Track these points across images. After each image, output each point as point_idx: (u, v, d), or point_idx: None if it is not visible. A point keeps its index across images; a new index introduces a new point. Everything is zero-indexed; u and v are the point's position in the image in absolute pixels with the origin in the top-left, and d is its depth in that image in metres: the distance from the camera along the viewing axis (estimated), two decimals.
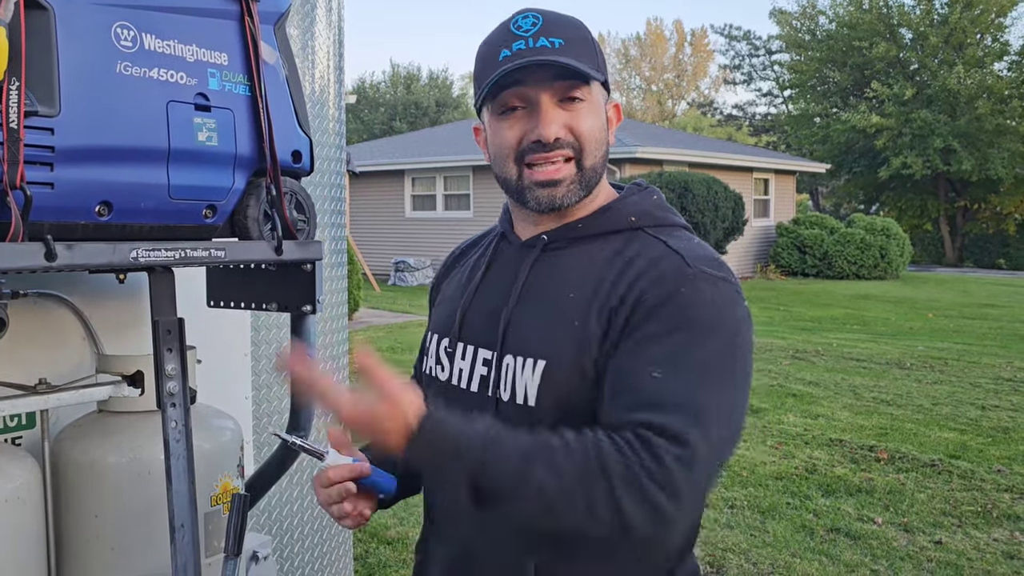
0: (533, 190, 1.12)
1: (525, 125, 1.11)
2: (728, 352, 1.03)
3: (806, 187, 31.02)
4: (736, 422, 1.02)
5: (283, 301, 1.56)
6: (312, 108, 2.40)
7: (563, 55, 1.08)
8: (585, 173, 1.12)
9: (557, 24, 1.11)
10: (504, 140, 1.13)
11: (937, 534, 3.96)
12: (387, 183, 19.09)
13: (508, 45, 1.10)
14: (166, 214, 1.26)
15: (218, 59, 1.30)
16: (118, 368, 1.45)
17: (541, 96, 1.10)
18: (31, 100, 1.08)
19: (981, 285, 17.53)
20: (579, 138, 1.11)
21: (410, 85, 40.23)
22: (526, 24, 1.11)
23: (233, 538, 1.33)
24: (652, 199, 1.19)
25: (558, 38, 1.10)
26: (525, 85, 1.10)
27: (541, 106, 1.10)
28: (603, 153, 1.14)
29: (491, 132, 1.16)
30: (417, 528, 3.91)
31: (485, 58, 1.14)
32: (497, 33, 1.14)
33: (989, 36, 25.66)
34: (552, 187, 1.11)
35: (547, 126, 1.09)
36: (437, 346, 1.25)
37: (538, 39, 1.09)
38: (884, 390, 7.07)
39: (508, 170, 1.14)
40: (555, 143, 1.10)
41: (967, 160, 23.67)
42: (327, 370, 2.57)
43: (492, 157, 1.17)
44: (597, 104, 1.14)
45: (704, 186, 15.10)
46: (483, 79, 1.13)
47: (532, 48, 1.09)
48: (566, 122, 1.10)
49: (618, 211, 1.16)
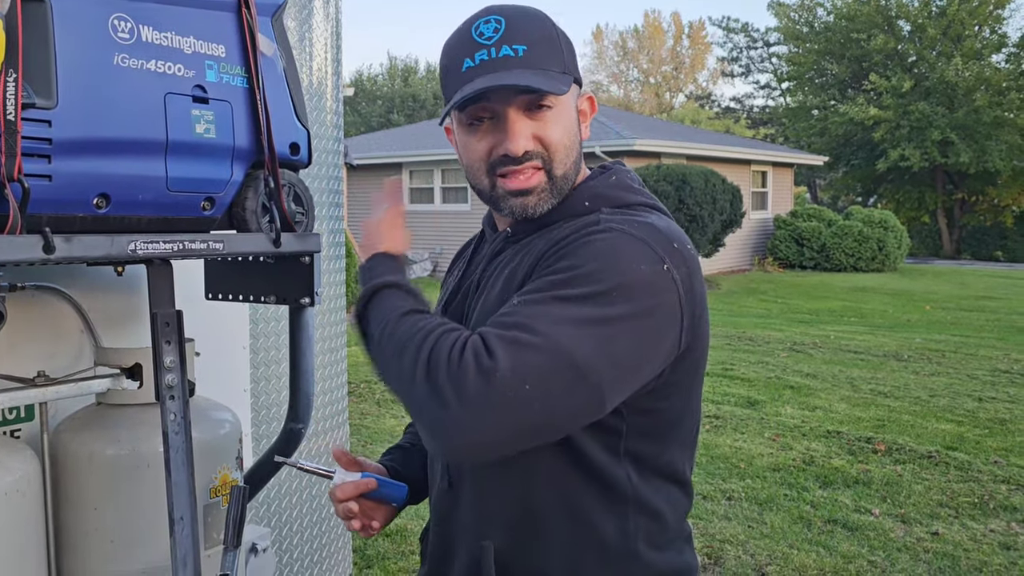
0: (507, 199, 1.13)
1: (493, 138, 1.11)
2: (598, 302, 0.95)
3: (804, 179, 31.01)
4: (568, 361, 0.93)
5: (281, 293, 1.56)
6: (310, 100, 2.40)
7: (527, 64, 1.07)
8: (556, 181, 1.12)
9: (519, 27, 1.09)
10: (474, 153, 1.13)
11: (934, 525, 3.98)
12: (385, 176, 19.06)
13: (471, 54, 1.09)
14: (164, 206, 1.26)
15: (216, 51, 1.29)
16: (117, 361, 1.45)
17: (507, 110, 1.09)
18: (28, 92, 1.07)
19: (978, 277, 17.56)
20: (548, 148, 1.10)
21: (407, 78, 40.12)
22: (488, 31, 1.09)
23: (232, 530, 1.34)
24: (610, 180, 1.17)
25: (521, 44, 1.08)
26: (490, 101, 1.09)
27: (508, 119, 1.09)
28: (574, 158, 1.14)
29: (461, 144, 1.16)
30: (415, 521, 3.92)
31: (447, 67, 1.13)
32: (459, 39, 1.12)
33: (987, 28, 25.63)
34: (524, 196, 1.12)
35: (515, 140, 1.09)
36: None
37: (501, 47, 1.08)
38: (881, 382, 7.09)
39: (481, 181, 1.15)
40: (524, 156, 1.09)
41: (965, 152, 23.67)
42: (330, 362, 2.58)
43: (464, 167, 1.18)
44: (567, 106, 1.13)
45: (702, 179, 15.09)
46: (448, 89, 1.12)
47: (495, 59, 1.07)
48: (534, 132, 1.10)
49: (575, 197, 1.15)
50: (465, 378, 0.92)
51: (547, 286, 0.99)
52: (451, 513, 1.19)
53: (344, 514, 1.23)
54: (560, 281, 0.99)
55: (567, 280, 0.99)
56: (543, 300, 0.98)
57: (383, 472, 1.29)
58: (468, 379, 0.92)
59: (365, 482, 1.22)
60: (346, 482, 1.22)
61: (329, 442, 2.60)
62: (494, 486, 1.13)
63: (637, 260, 1.00)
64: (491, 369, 0.91)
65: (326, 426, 2.59)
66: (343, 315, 2.66)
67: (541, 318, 0.95)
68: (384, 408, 6.13)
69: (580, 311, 0.95)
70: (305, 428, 1.69)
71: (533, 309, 0.97)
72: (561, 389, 0.93)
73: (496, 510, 1.13)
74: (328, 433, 2.60)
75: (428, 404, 0.94)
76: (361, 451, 5.02)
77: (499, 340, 0.94)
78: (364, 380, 6.79)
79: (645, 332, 0.99)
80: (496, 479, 1.12)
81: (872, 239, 18.15)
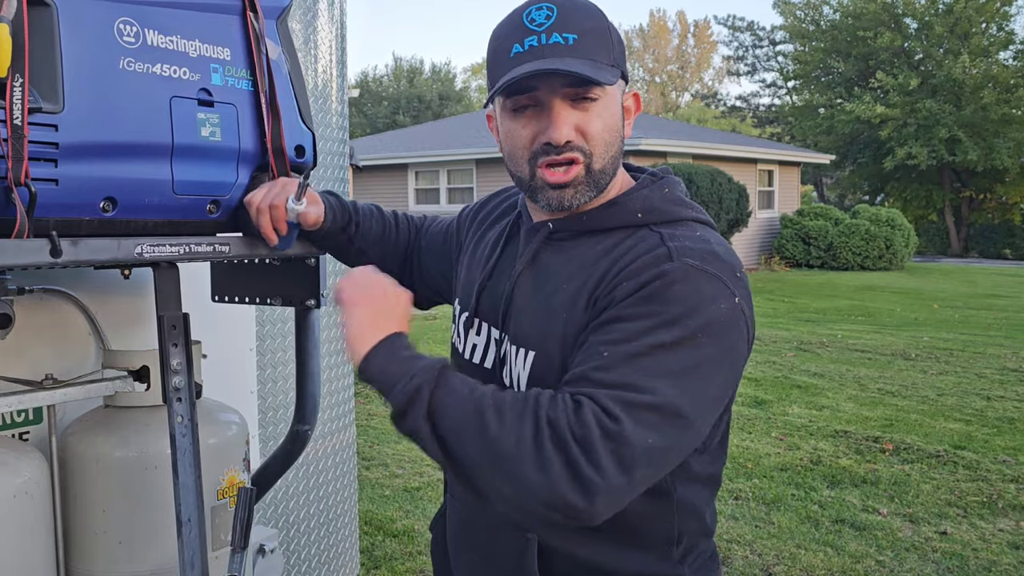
0: (545, 190, 1.12)
1: (537, 125, 1.10)
2: (689, 348, 0.98)
3: (810, 178, 30.91)
4: (676, 412, 0.97)
5: (287, 295, 1.57)
6: (315, 102, 2.40)
7: (577, 53, 1.06)
8: (594, 175, 1.11)
9: (572, 16, 1.08)
10: (517, 139, 1.12)
11: (942, 525, 3.96)
12: (391, 177, 19.08)
13: (520, 40, 1.08)
14: (170, 209, 1.27)
15: (221, 54, 1.30)
16: (124, 363, 1.46)
17: (553, 99, 1.08)
18: (35, 97, 1.08)
19: (986, 275, 17.48)
20: (589, 141, 1.09)
21: (413, 78, 40.16)
22: (540, 17, 1.08)
23: (240, 531, 1.34)
24: (662, 193, 1.17)
25: (572, 33, 1.06)
26: (536, 90, 1.08)
27: (553, 108, 1.08)
28: (614, 152, 1.13)
29: (504, 129, 1.15)
30: (423, 521, 3.92)
31: (496, 51, 1.12)
32: (509, 25, 1.11)
33: (994, 25, 25.49)
34: (561, 189, 1.11)
35: (558, 129, 1.08)
36: (459, 316, 1.30)
37: (551, 35, 1.06)
38: (889, 381, 7.06)
39: (521, 169, 1.14)
40: (566, 145, 1.09)
41: (972, 150, 23.55)
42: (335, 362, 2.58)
43: (506, 154, 1.16)
44: (612, 100, 1.12)
45: (708, 178, 15.06)
46: (494, 74, 1.11)
47: (545, 45, 1.06)
48: (577, 123, 1.09)
49: (624, 206, 1.14)
50: (595, 446, 0.92)
51: (637, 334, 0.99)
52: (479, 518, 1.21)
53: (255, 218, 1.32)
54: (650, 328, 0.99)
55: (656, 327, 0.99)
56: (639, 352, 0.98)
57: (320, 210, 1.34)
58: (598, 446, 0.92)
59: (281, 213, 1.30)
60: (274, 203, 1.29)
61: (336, 443, 2.61)
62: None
63: (717, 299, 1.02)
64: (619, 433, 0.92)
65: (333, 427, 2.59)
66: None
67: (643, 373, 0.97)
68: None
69: (676, 361, 0.98)
70: (312, 429, 1.69)
71: (634, 365, 0.97)
72: (674, 439, 0.98)
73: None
74: (335, 434, 2.60)
75: (553, 477, 0.92)
76: (368, 451, 5.03)
77: (615, 402, 0.94)
78: None
79: (729, 367, 1.05)
80: None
81: (879, 237, 18.09)
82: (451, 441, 0.98)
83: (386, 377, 1.03)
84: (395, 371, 1.02)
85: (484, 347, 1.22)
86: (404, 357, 1.04)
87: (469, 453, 0.97)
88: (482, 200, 1.42)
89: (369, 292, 1.13)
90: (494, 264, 1.24)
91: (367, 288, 1.14)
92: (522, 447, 0.93)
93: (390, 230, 1.47)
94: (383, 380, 1.03)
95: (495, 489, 0.97)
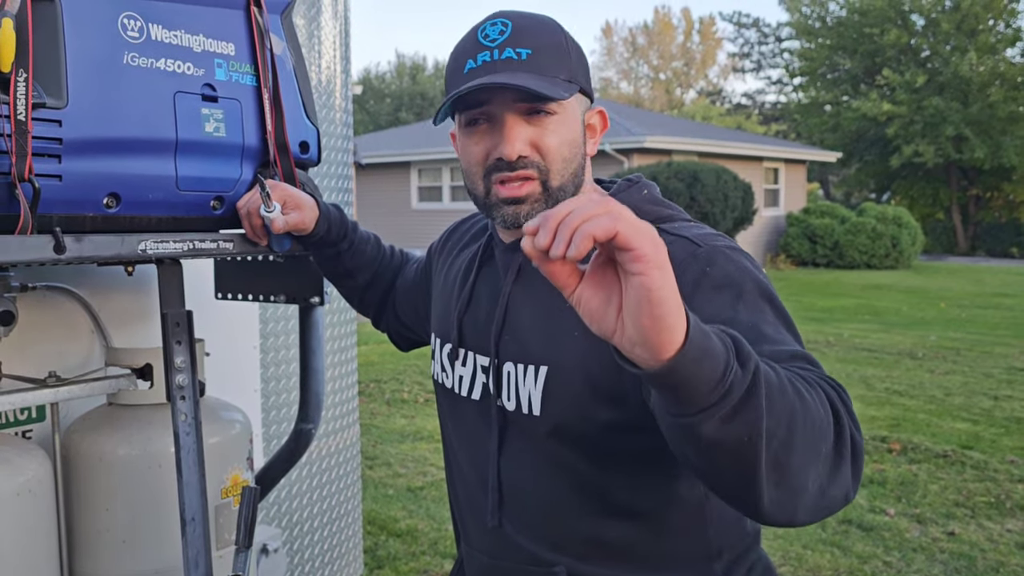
0: (500, 207, 1.09)
1: (490, 141, 1.07)
2: (781, 310, 0.97)
3: (816, 176, 30.83)
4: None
5: (291, 293, 1.56)
6: (319, 99, 2.39)
7: (530, 68, 1.04)
8: (552, 192, 1.07)
9: (527, 31, 1.06)
10: (471, 155, 1.10)
11: (950, 525, 3.94)
12: (393, 175, 19.09)
13: (474, 56, 1.07)
14: (174, 206, 1.26)
15: (225, 49, 1.29)
16: (127, 361, 1.45)
17: (506, 114, 1.05)
18: (39, 92, 1.07)
19: (994, 274, 17.40)
20: (545, 156, 1.06)
21: (416, 75, 40.16)
22: (493, 32, 1.07)
23: (244, 530, 1.33)
24: (642, 194, 1.14)
25: (526, 48, 1.05)
26: (489, 104, 1.06)
27: (506, 123, 1.06)
28: (574, 168, 1.09)
29: (460, 146, 1.13)
30: (427, 521, 3.92)
31: (452, 68, 1.11)
32: (465, 41, 1.10)
33: (1002, 22, 25.36)
34: (516, 204, 1.08)
35: (510, 143, 1.05)
36: (440, 350, 1.25)
37: (504, 50, 1.05)
38: (896, 380, 7.03)
39: (476, 186, 1.11)
40: (519, 161, 1.06)
41: (979, 148, 23.45)
42: (336, 361, 2.57)
43: (463, 172, 1.14)
44: (571, 115, 1.08)
45: (713, 176, 15.03)
46: (449, 90, 1.10)
47: (497, 60, 1.05)
48: (532, 138, 1.06)
49: None
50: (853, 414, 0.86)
51: (742, 317, 0.92)
52: (502, 550, 1.16)
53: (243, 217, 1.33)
54: (747, 308, 0.95)
55: (745, 303, 0.95)
56: (775, 320, 0.94)
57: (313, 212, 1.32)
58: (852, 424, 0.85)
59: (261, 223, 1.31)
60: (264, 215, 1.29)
61: (340, 442, 2.60)
62: (557, 520, 1.10)
63: (758, 268, 1.02)
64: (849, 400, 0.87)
65: (336, 426, 2.59)
66: (353, 314, 2.65)
67: (795, 337, 0.94)
68: (394, 408, 6.13)
69: (784, 318, 0.96)
70: (315, 428, 1.69)
71: (786, 333, 0.93)
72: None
73: (563, 541, 1.10)
74: (338, 433, 2.60)
75: (857, 450, 0.84)
76: (371, 451, 5.02)
77: (823, 377, 0.87)
78: (374, 380, 6.80)
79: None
80: (562, 512, 1.10)
81: (886, 236, 18.03)
82: (782, 435, 0.77)
83: (705, 370, 0.72)
84: (713, 364, 0.73)
85: (471, 378, 1.16)
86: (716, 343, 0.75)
87: (796, 444, 0.78)
88: (449, 229, 1.39)
89: (664, 253, 0.72)
90: (471, 290, 1.20)
91: (663, 248, 0.72)
92: (822, 450, 0.80)
93: (384, 258, 1.45)
94: (700, 374, 0.72)
95: (807, 486, 0.79)
